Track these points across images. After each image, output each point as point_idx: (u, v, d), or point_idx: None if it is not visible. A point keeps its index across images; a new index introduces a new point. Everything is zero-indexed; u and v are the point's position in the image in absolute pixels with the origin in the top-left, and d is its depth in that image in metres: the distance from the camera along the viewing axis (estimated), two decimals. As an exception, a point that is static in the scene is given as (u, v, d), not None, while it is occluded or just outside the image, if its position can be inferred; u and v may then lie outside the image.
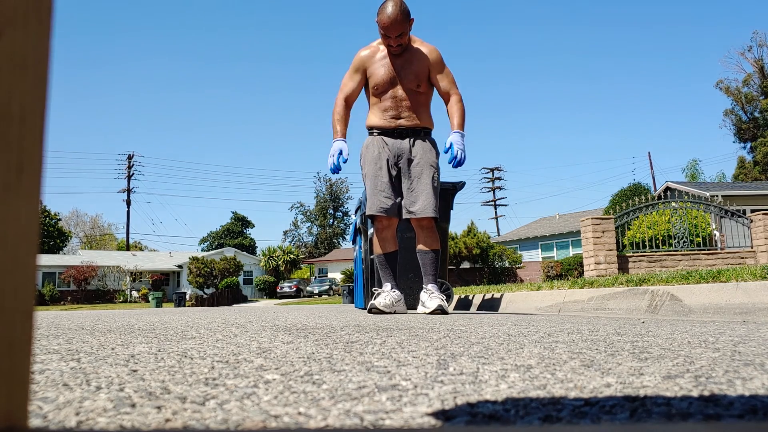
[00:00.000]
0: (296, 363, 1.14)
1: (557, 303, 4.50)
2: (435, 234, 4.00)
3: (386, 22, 3.82)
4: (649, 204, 13.37)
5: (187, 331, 2.16)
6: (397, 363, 1.12)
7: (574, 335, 1.76)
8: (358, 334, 1.90)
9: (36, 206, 0.50)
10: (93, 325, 2.92)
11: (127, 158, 52.89)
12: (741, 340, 1.54)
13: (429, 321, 2.76)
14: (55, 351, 1.43)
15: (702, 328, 2.11)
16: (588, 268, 12.25)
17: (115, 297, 37.48)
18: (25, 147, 0.48)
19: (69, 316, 5.33)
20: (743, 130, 44.32)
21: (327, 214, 65.90)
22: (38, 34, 0.50)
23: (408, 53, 4.01)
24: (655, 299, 3.52)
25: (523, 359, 1.16)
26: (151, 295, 27.24)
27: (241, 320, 3.17)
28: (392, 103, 3.99)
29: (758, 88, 43.77)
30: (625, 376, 0.93)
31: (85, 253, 43.28)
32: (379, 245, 4.10)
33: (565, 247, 34.14)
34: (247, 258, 45.83)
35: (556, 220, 39.33)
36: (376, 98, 4.05)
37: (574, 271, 23.09)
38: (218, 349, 1.43)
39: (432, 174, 3.94)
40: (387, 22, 3.82)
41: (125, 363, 1.17)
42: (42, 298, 34.60)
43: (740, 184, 28.80)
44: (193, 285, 36.18)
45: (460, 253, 24.05)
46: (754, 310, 2.87)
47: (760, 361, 1.11)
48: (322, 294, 37.39)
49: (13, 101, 0.47)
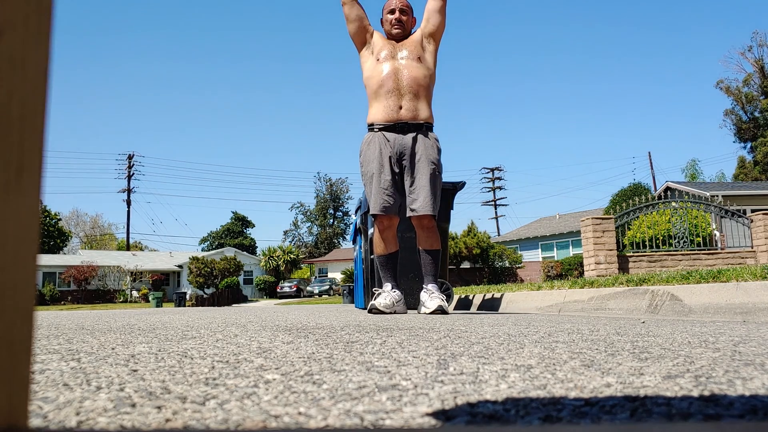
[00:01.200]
0: (296, 363, 1.14)
1: (557, 303, 4.50)
2: (435, 234, 4.00)
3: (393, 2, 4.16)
4: (649, 204, 13.36)
5: (187, 331, 2.16)
6: (398, 363, 1.12)
7: (574, 335, 1.76)
8: (358, 334, 1.90)
9: (36, 206, 0.50)
10: (93, 325, 2.92)
11: (127, 158, 52.91)
12: (741, 340, 1.54)
13: (429, 321, 2.76)
14: (55, 351, 1.44)
15: (702, 328, 2.11)
16: (588, 268, 12.24)
17: (116, 297, 37.47)
18: (25, 147, 0.48)
19: (69, 316, 5.33)
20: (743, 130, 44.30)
21: (327, 214, 65.90)
22: (38, 34, 0.50)
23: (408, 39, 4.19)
24: (656, 299, 3.52)
25: (524, 359, 1.16)
26: (152, 295, 27.24)
27: (242, 320, 3.17)
28: (393, 84, 3.98)
29: (758, 88, 43.75)
30: (626, 376, 0.93)
31: (85, 253, 43.28)
32: (380, 245, 4.10)
33: (566, 247, 34.13)
34: (247, 258, 45.82)
35: (556, 220, 39.32)
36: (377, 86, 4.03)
37: (574, 271, 23.09)
38: (218, 349, 1.43)
39: (433, 171, 3.94)
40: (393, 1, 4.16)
41: (125, 363, 1.17)
42: (42, 298, 34.60)
43: (740, 184, 28.80)
44: (194, 285, 36.17)
45: (461, 253, 24.05)
46: (754, 310, 2.87)
47: (760, 361, 1.11)
48: (322, 294, 37.39)
49: (13, 101, 0.47)
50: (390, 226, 4.06)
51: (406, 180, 3.99)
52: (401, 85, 3.95)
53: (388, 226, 4.05)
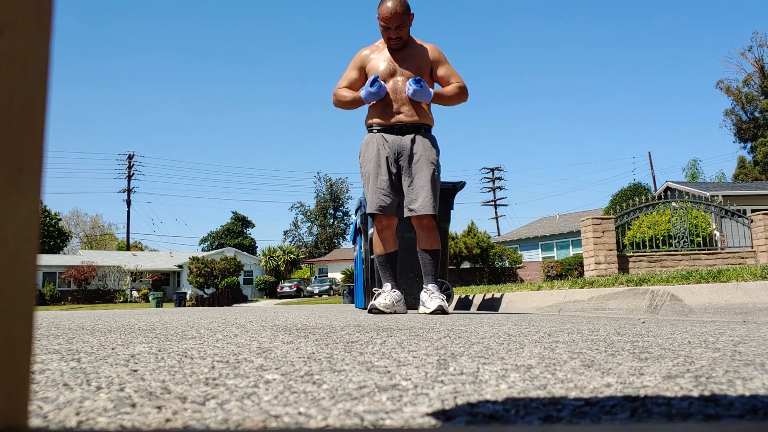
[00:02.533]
0: (296, 363, 1.14)
1: (557, 303, 4.50)
2: (436, 234, 3.99)
3: (386, 14, 3.91)
4: (649, 204, 13.36)
5: (187, 331, 2.16)
6: (398, 363, 1.12)
7: (574, 335, 1.76)
8: (358, 334, 1.90)
9: (36, 206, 0.50)
10: (93, 325, 2.92)
11: (128, 158, 52.92)
12: (741, 340, 1.54)
13: (429, 321, 2.76)
14: (55, 351, 1.44)
15: (702, 328, 2.11)
16: (588, 268, 12.24)
17: (116, 297, 37.48)
18: (25, 147, 0.48)
19: (69, 316, 5.33)
20: (743, 130, 44.31)
21: (327, 214, 65.90)
22: (38, 34, 0.50)
23: (409, 48, 4.06)
24: (656, 299, 3.52)
25: (524, 359, 1.16)
26: (152, 295, 27.24)
27: (242, 320, 3.17)
28: (392, 95, 3.98)
29: (758, 88, 43.77)
30: (626, 376, 0.93)
31: (85, 253, 43.29)
32: (380, 245, 4.09)
33: (566, 247, 34.14)
34: (247, 258, 45.83)
35: (556, 220, 39.32)
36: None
37: (574, 271, 23.09)
38: (218, 349, 1.43)
39: (432, 171, 3.93)
40: (387, 13, 3.91)
41: (125, 363, 1.17)
42: (42, 298, 34.61)
43: (740, 184, 28.80)
44: (194, 285, 36.17)
45: (461, 253, 24.05)
46: (754, 310, 2.87)
47: (760, 361, 1.11)
48: (322, 294, 37.39)
49: (13, 101, 0.47)
50: (388, 226, 4.05)
51: (404, 180, 3.98)
52: (400, 96, 3.97)
53: (387, 226, 4.05)
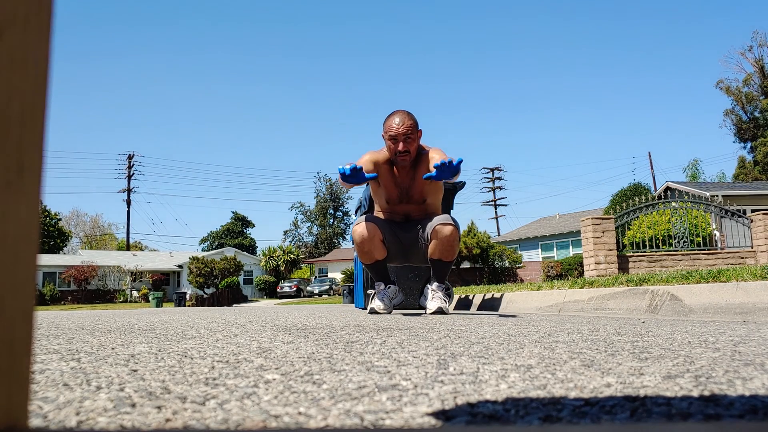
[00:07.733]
0: (296, 363, 1.14)
1: (557, 303, 4.50)
2: (455, 245, 3.81)
3: (393, 128, 3.77)
4: (649, 204, 13.36)
5: (187, 331, 2.16)
6: (398, 363, 1.12)
7: (574, 335, 1.76)
8: (358, 334, 1.90)
9: (36, 206, 0.50)
10: (93, 324, 2.92)
11: (128, 158, 52.89)
12: (741, 340, 1.54)
13: (429, 321, 2.76)
14: (55, 351, 1.44)
15: (702, 328, 2.11)
16: (588, 268, 12.24)
17: (116, 297, 37.47)
18: (25, 147, 0.48)
19: (69, 315, 5.33)
20: (743, 129, 44.30)
21: (327, 214, 65.90)
22: (38, 34, 0.50)
23: (418, 166, 3.89)
24: (655, 299, 3.52)
25: (524, 359, 1.16)
26: (152, 295, 27.23)
27: (242, 320, 3.17)
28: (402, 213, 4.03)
29: (758, 87, 43.74)
30: (626, 376, 0.93)
31: (85, 253, 43.27)
32: (364, 257, 3.91)
33: (566, 247, 34.13)
34: (247, 258, 45.81)
35: (556, 220, 39.32)
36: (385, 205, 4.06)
37: (574, 271, 23.08)
38: (218, 349, 1.43)
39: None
40: (394, 127, 3.77)
41: (125, 363, 1.17)
42: (42, 298, 34.60)
43: (740, 184, 28.80)
44: (194, 285, 36.16)
45: (460, 253, 24.05)
46: (754, 310, 2.87)
47: (760, 361, 1.11)
48: (322, 294, 37.38)
49: (13, 101, 0.47)
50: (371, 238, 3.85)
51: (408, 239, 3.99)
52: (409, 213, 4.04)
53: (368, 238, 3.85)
